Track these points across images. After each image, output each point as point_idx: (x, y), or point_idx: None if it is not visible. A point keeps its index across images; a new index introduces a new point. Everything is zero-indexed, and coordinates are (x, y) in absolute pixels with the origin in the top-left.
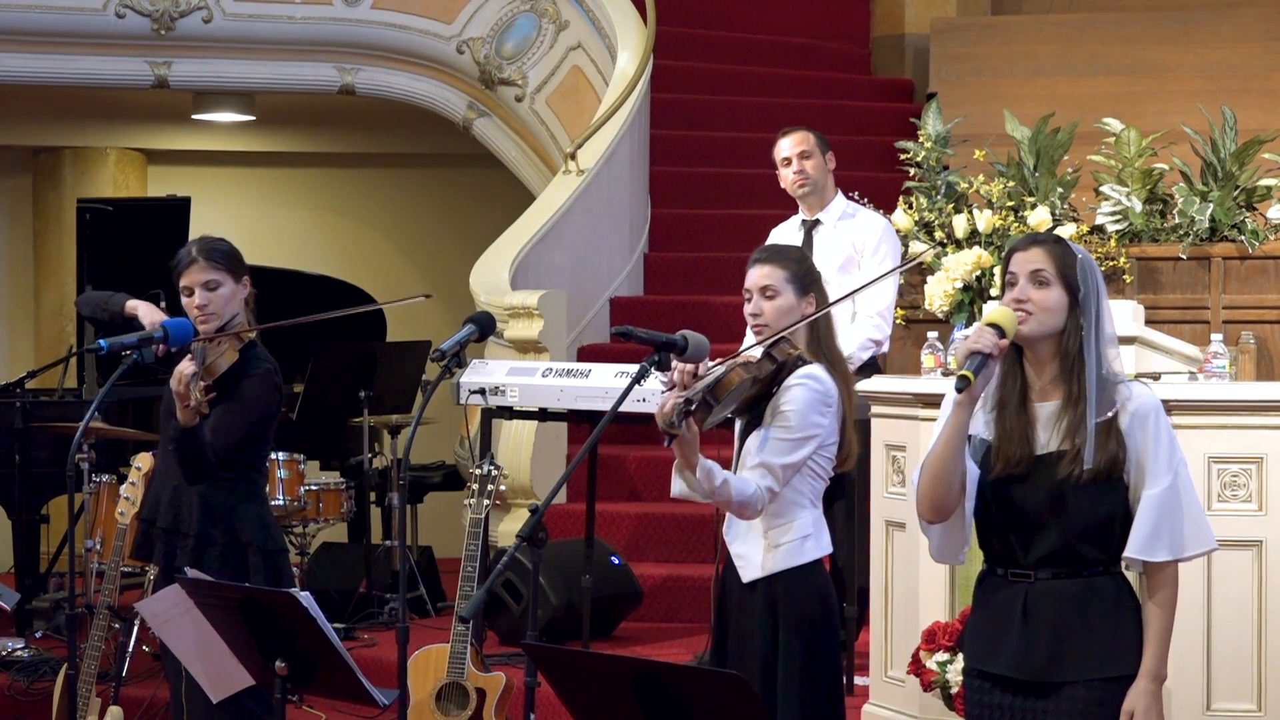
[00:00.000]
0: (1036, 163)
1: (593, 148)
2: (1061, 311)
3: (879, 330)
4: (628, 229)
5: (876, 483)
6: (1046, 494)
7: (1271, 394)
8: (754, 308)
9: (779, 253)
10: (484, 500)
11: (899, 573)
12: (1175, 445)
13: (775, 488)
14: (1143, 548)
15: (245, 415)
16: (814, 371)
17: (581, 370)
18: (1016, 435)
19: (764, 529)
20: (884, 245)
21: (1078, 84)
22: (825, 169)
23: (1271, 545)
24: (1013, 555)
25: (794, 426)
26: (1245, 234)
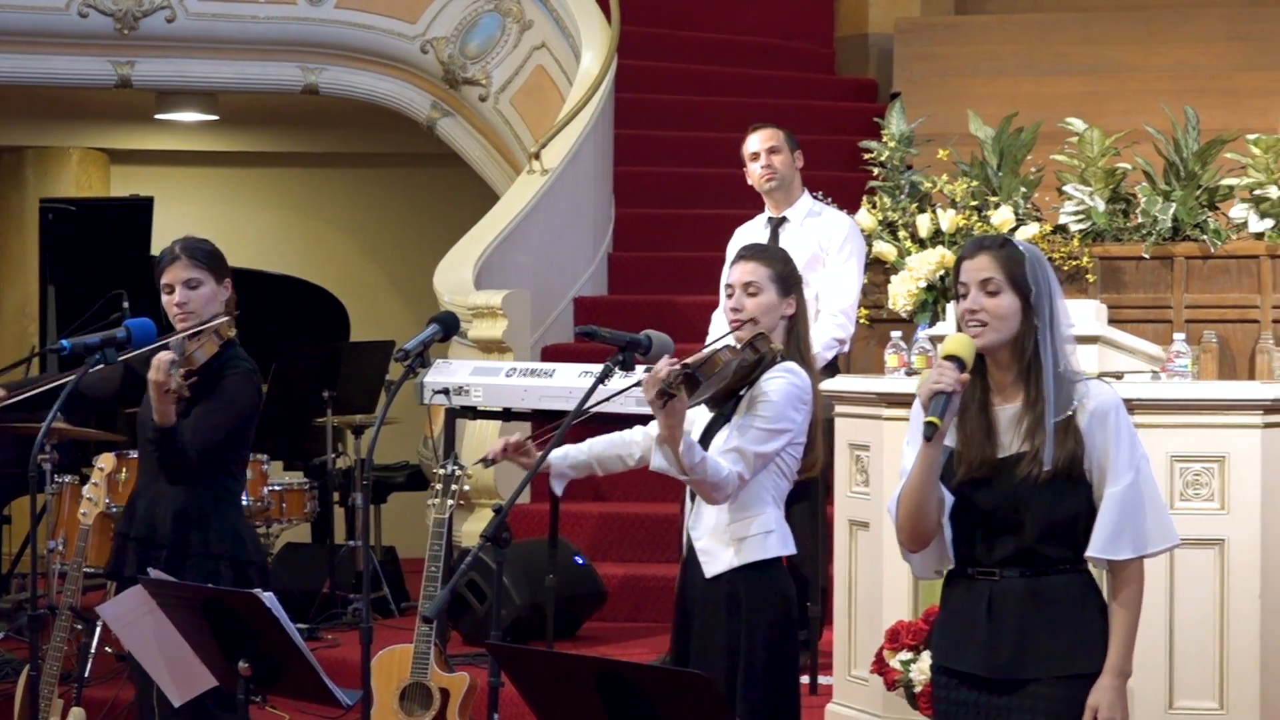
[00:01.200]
0: (1000, 162)
1: (557, 147)
2: (1015, 316)
3: (843, 329)
4: (592, 229)
5: (840, 482)
6: (1008, 496)
7: (1234, 393)
8: (736, 303)
9: (764, 251)
10: (448, 500)
11: (862, 572)
12: (1136, 442)
13: (746, 475)
14: (1105, 546)
15: (226, 414)
16: (793, 367)
17: (545, 370)
18: (977, 440)
19: (727, 523)
20: (849, 244)
21: (1041, 84)
22: (793, 166)
23: (1234, 544)
24: (978, 554)
25: (771, 417)
26: (1208, 233)
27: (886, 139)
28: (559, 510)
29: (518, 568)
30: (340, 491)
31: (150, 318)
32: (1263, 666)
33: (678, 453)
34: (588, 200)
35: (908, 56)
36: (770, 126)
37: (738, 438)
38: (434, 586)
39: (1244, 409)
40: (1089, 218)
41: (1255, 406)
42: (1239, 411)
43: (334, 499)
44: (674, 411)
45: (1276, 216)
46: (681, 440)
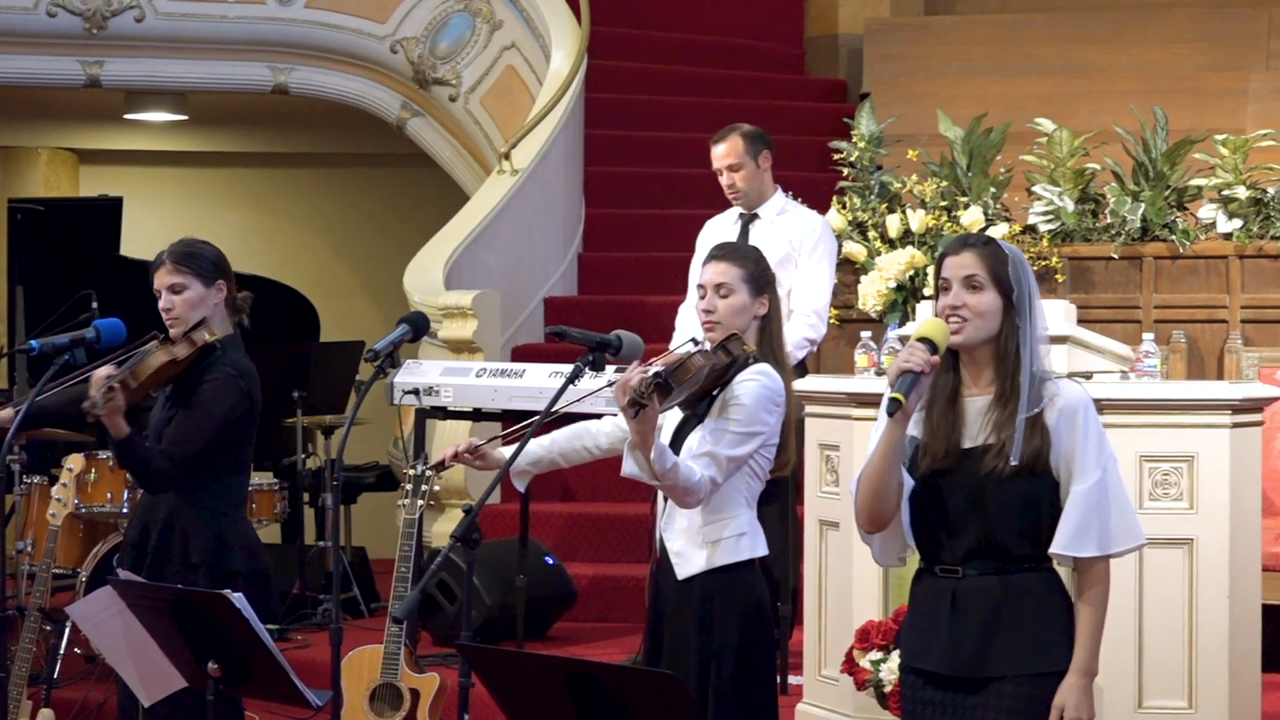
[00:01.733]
0: (969, 163)
1: (527, 148)
2: (996, 315)
3: (815, 329)
4: (562, 229)
5: (810, 482)
6: (972, 488)
7: (1202, 393)
8: (708, 304)
9: (736, 251)
10: (418, 501)
11: (833, 572)
12: (1104, 441)
13: (719, 479)
14: (1069, 543)
15: (200, 423)
16: (766, 369)
17: (516, 370)
18: (943, 430)
19: (700, 525)
20: (821, 244)
21: (1010, 84)
22: (758, 174)
23: (1202, 543)
24: (942, 551)
25: (744, 420)
26: (1176, 234)
27: (856, 139)
28: (529, 510)
29: (488, 568)
30: (310, 492)
31: (121, 318)
32: (1231, 666)
33: (649, 459)
34: (558, 200)
35: (877, 57)
36: (730, 138)
37: (710, 442)
38: (404, 587)
39: (1212, 409)
40: (1058, 218)
41: (1224, 406)
42: (1207, 411)
43: (304, 499)
44: (645, 419)
45: (1244, 217)
46: (654, 446)
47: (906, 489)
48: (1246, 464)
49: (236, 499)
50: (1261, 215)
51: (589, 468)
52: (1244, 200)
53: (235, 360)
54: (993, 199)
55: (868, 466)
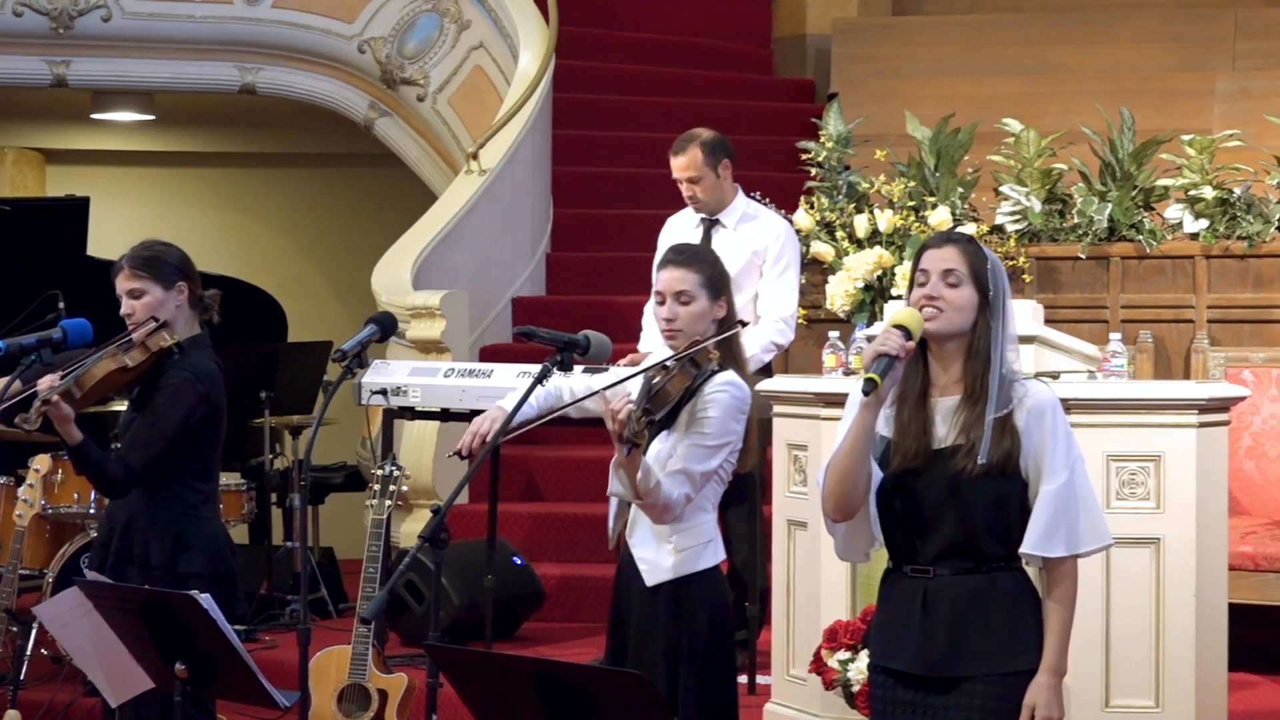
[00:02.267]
0: (937, 163)
1: (495, 148)
2: (971, 310)
3: (783, 335)
4: (530, 229)
5: (778, 482)
6: (942, 488)
7: (1169, 393)
8: (668, 312)
9: (693, 255)
10: (386, 501)
11: (801, 572)
12: (1072, 441)
13: (692, 494)
14: (1038, 543)
15: (156, 429)
16: (733, 378)
17: (484, 370)
18: (914, 429)
19: (668, 533)
20: (787, 252)
21: (978, 84)
22: (718, 184)
23: (1169, 543)
24: (912, 550)
25: (714, 434)
26: (1143, 234)
27: (824, 139)
28: (497, 510)
29: (455, 568)
30: (278, 492)
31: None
32: (1198, 665)
33: (635, 479)
34: (526, 200)
35: (845, 57)
36: (688, 149)
37: (681, 458)
38: (372, 587)
39: (1179, 408)
40: (1025, 218)
41: (1190, 406)
42: (1174, 411)
43: (271, 500)
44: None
45: (1211, 217)
46: (640, 467)
47: (875, 479)
48: (1213, 463)
49: (201, 500)
50: (1228, 215)
51: (557, 468)
52: (1210, 200)
53: (195, 364)
54: (960, 199)
55: (837, 453)
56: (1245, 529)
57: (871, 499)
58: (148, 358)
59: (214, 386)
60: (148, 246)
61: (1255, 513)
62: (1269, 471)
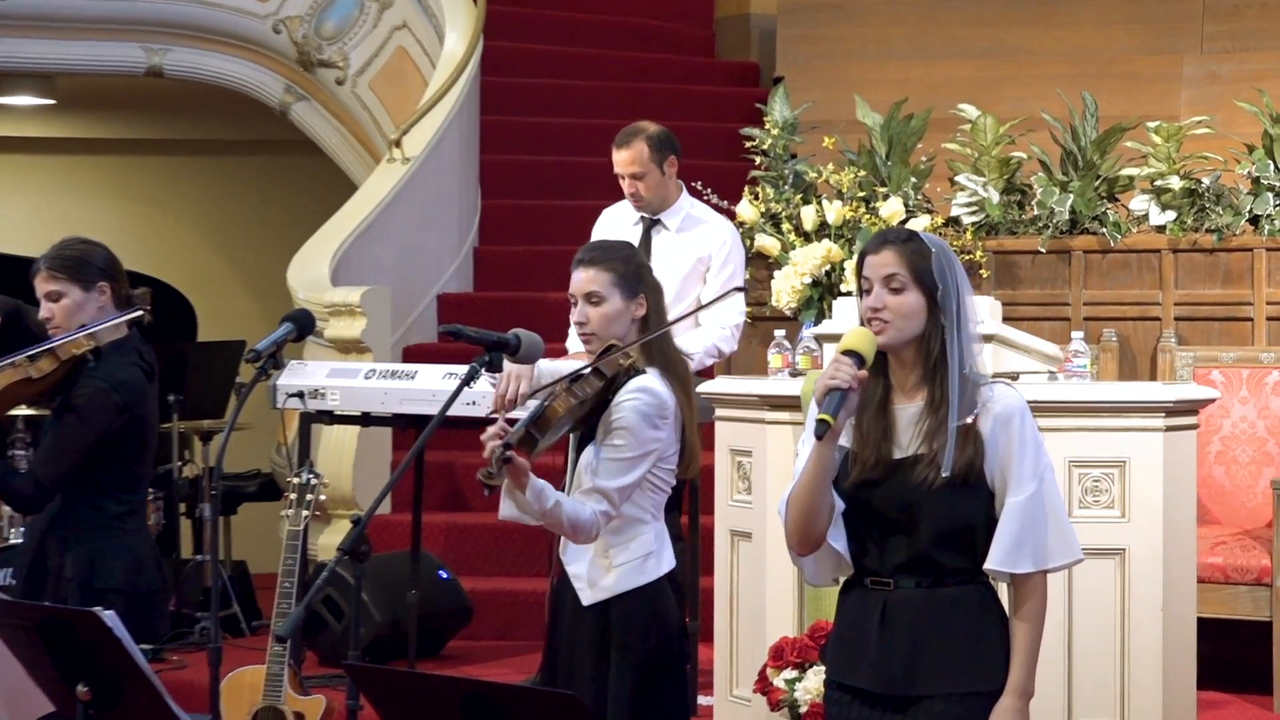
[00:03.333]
0: (889, 151)
1: (419, 134)
2: (920, 315)
3: (727, 343)
4: (456, 221)
5: (721, 490)
6: (903, 499)
7: (1134, 394)
8: (579, 315)
9: (605, 253)
10: (302, 511)
11: (744, 585)
12: (1041, 450)
13: (611, 512)
14: (1004, 558)
15: (66, 442)
16: (646, 384)
17: (407, 372)
18: (873, 439)
19: (604, 547)
20: (732, 257)
21: (932, 68)
22: (662, 183)
23: (1135, 554)
24: (873, 563)
25: (626, 445)
26: (1107, 226)
27: (769, 126)
28: (421, 521)
29: (377, 583)
30: (187, 502)
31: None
32: (1165, 682)
33: (528, 503)
34: (452, 191)
35: (791, 39)
36: (635, 141)
37: (595, 475)
38: (288, 603)
39: (1145, 411)
40: (982, 209)
41: (1157, 408)
42: (1140, 414)
43: (180, 510)
44: (513, 477)
45: (1178, 208)
46: (529, 487)
47: (838, 510)
48: (1180, 469)
49: (126, 512)
50: (1196, 207)
51: None
52: (1177, 191)
53: (111, 372)
54: (913, 189)
55: (797, 486)
56: (1215, 539)
57: (840, 520)
58: (58, 366)
59: (134, 394)
60: (68, 245)
61: (1225, 522)
62: (1239, 478)
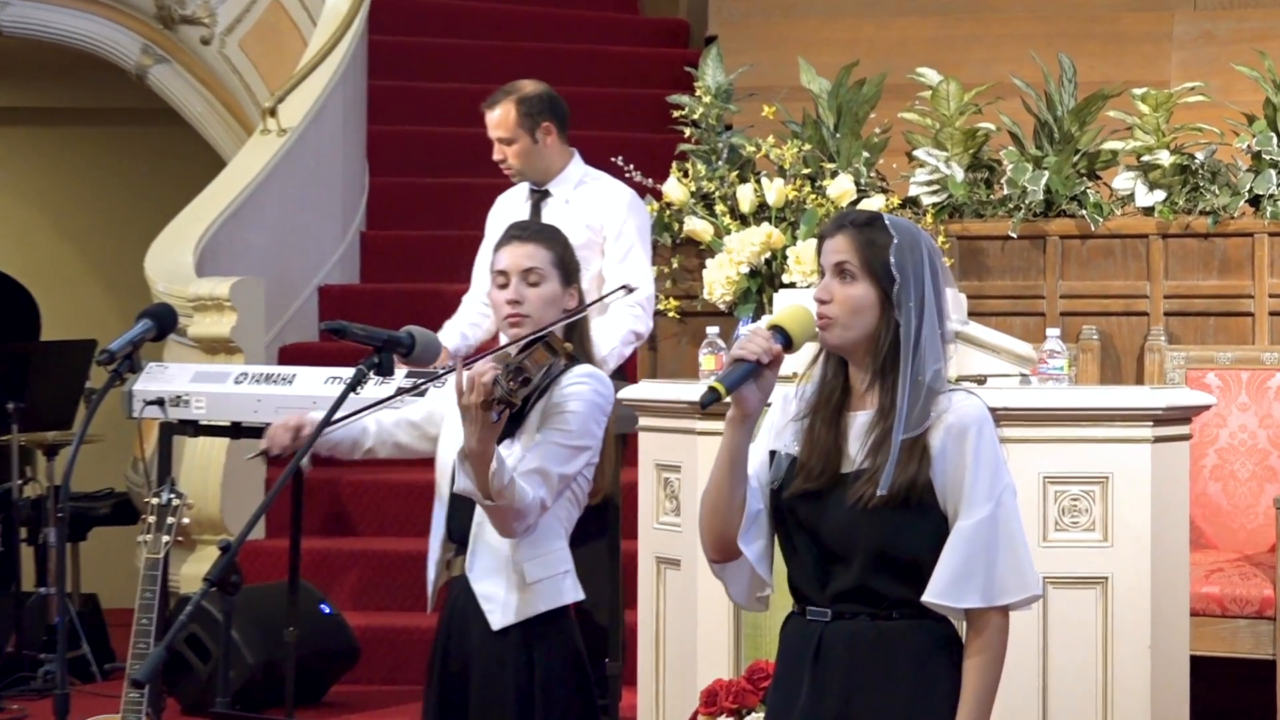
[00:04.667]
0: (837, 122)
1: (297, 102)
2: (870, 310)
3: (640, 321)
4: (340, 202)
5: (645, 511)
6: (842, 519)
7: (1118, 400)
8: (514, 293)
9: (544, 231)
10: (163, 536)
11: (673, 620)
12: (1000, 468)
13: (549, 501)
14: (946, 590)
15: None
16: (597, 372)
17: (284, 375)
18: (820, 449)
19: (517, 563)
20: (630, 222)
21: (887, 27)
22: (534, 151)
23: (1119, 583)
24: (810, 589)
25: (575, 431)
26: (1087, 208)
27: (700, 93)
28: (300, 547)
29: (249, 619)
30: (29, 526)
31: None
32: None
33: (488, 472)
34: (335, 167)
35: None
36: (502, 103)
37: (538, 457)
38: (146, 643)
39: (1131, 419)
40: (944, 189)
41: (1144, 416)
42: (1125, 423)
43: (21, 535)
44: (492, 427)
45: (1168, 187)
46: (495, 456)
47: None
48: (1171, 486)
49: None
50: (1188, 185)
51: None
52: (1167, 167)
53: None
54: (866, 165)
55: (709, 482)
56: (1210, 566)
57: (763, 532)
58: None
59: None
60: None
61: (1222, 546)
62: (1238, 496)
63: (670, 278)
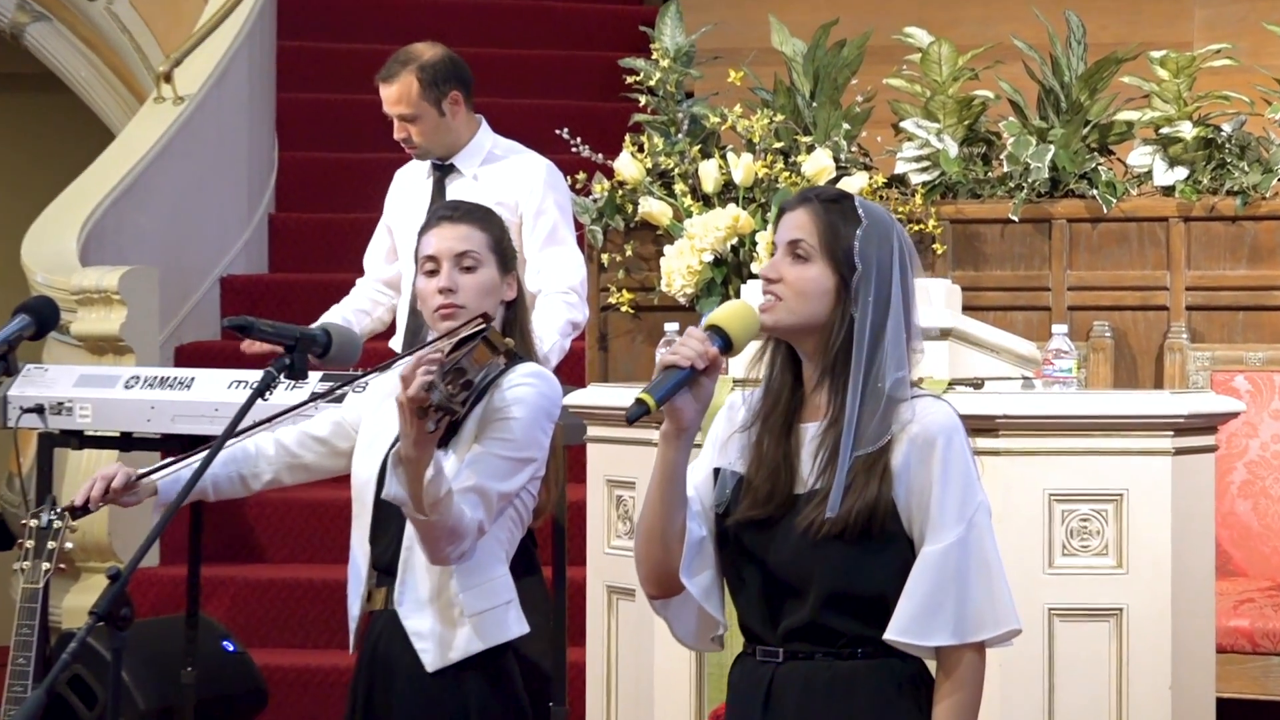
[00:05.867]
0: (814, 89)
1: (195, 66)
2: (823, 297)
3: (576, 309)
4: (245, 180)
5: (595, 534)
6: (792, 547)
7: (1134, 407)
8: (447, 280)
9: (477, 212)
10: (43, 563)
11: (626, 657)
12: (973, 485)
13: (487, 524)
14: (910, 626)
15: None
16: (542, 371)
17: (181, 379)
18: (768, 467)
19: (457, 591)
20: (549, 196)
21: None
22: (442, 125)
23: (1135, 615)
24: (760, 627)
25: (518, 441)
26: (1098, 187)
27: (657, 55)
28: (200, 576)
29: (141, 657)
30: None
31: None
32: None
33: (423, 482)
34: (240, 140)
35: None
36: (401, 75)
37: (475, 472)
38: (23, 685)
39: (1148, 429)
40: (936, 165)
41: (1164, 425)
42: (1142, 432)
43: None
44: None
45: (1191, 164)
46: (432, 463)
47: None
48: (1194, 505)
49: None
50: (1213, 162)
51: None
52: (1190, 141)
53: None
54: (846, 139)
55: (644, 505)
56: (1239, 595)
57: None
58: None
59: None
60: None
61: (1252, 573)
62: (1270, 516)
63: (623, 267)
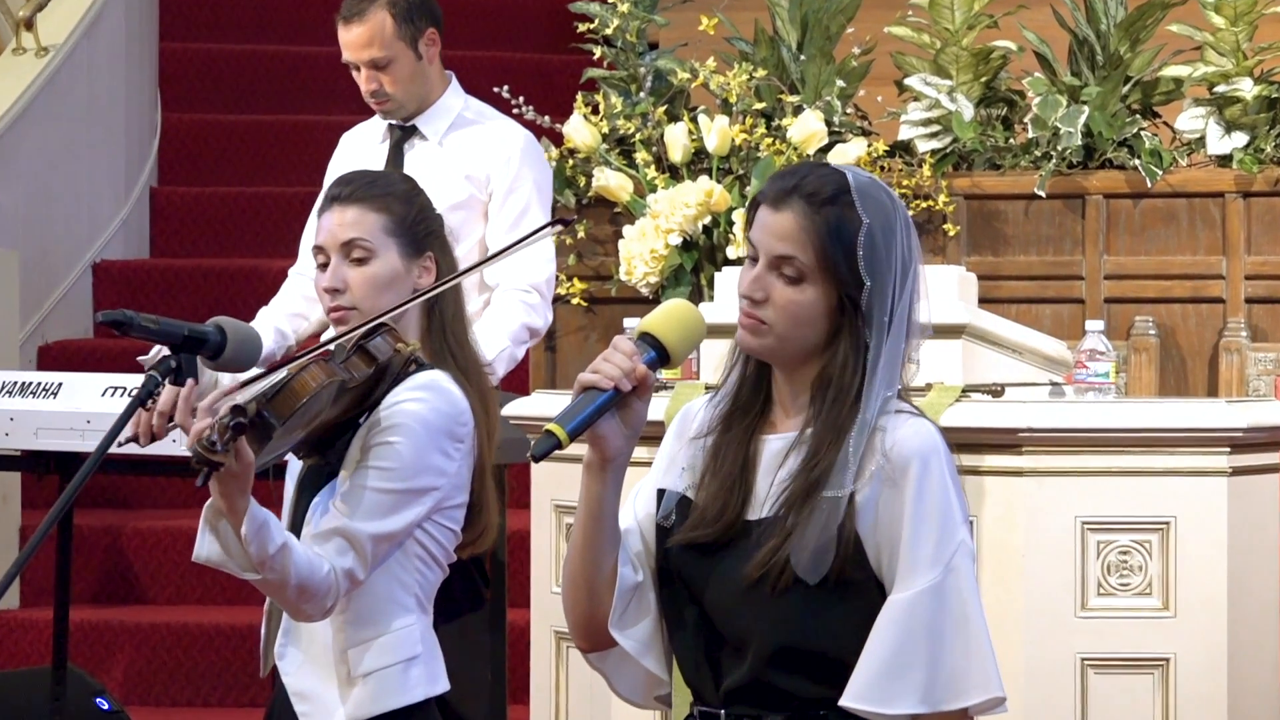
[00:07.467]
0: (802, 39)
1: (63, 11)
2: (820, 321)
3: (536, 312)
4: (122, 147)
5: (540, 568)
6: (733, 593)
7: (1183, 418)
8: (333, 279)
9: (375, 186)
10: None
11: (578, 714)
12: (953, 522)
13: (359, 573)
14: (868, 690)
15: None
16: (437, 380)
17: (47, 385)
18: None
19: (342, 648)
20: (525, 179)
21: None
22: (419, 71)
23: (1184, 665)
24: (699, 682)
25: (399, 470)
26: (1141, 156)
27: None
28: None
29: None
30: None
31: None
32: None
33: (240, 535)
34: (116, 100)
35: None
36: (372, 11)
37: (339, 512)
38: None
39: (1201, 444)
40: (948, 130)
41: (1218, 440)
42: (1193, 448)
43: None
44: (229, 478)
45: (1251, 128)
46: (246, 516)
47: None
48: (1254, 534)
49: None
50: (1278, 126)
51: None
52: (1250, 101)
53: None
54: (840, 99)
55: (570, 547)
56: None
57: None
58: None
59: None
60: None
61: None
62: None
63: (574, 251)
